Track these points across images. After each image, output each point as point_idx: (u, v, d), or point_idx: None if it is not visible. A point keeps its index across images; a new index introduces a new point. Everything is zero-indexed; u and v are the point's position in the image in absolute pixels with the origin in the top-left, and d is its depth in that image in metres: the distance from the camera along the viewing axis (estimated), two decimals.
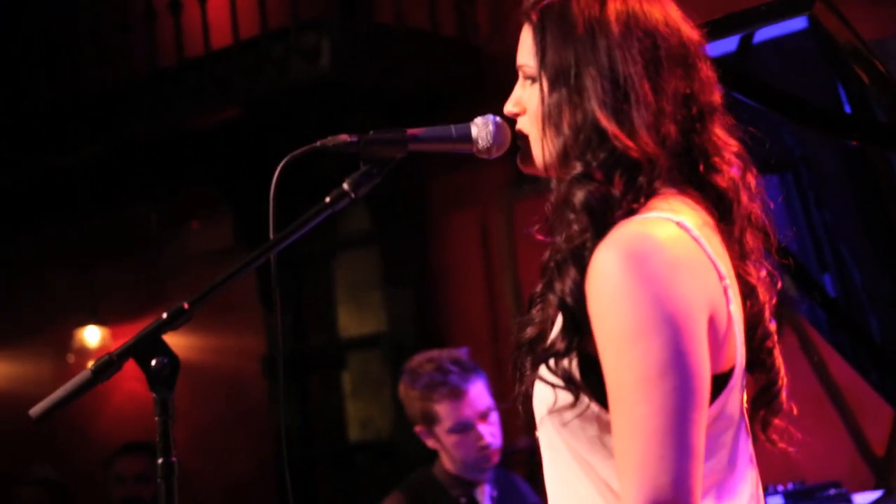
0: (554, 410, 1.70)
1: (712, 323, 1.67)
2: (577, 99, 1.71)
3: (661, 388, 1.60)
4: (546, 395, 1.72)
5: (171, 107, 5.75)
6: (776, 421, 1.80)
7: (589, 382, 1.68)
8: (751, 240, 1.78)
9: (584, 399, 1.68)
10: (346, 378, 6.50)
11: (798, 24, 2.79)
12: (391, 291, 6.08)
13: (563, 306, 1.68)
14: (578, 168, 1.71)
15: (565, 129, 1.72)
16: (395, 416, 6.13)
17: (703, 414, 1.63)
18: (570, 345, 1.67)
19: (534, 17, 1.78)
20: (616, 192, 1.69)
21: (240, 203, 6.48)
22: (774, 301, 1.81)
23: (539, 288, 1.88)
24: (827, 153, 3.30)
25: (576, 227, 1.71)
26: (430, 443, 3.66)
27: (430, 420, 3.60)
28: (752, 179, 1.78)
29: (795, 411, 1.81)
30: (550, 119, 1.74)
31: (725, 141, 1.77)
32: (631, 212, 1.69)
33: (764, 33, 2.85)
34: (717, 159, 1.75)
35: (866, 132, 2.82)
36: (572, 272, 1.68)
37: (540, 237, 1.91)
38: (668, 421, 1.60)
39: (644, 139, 1.69)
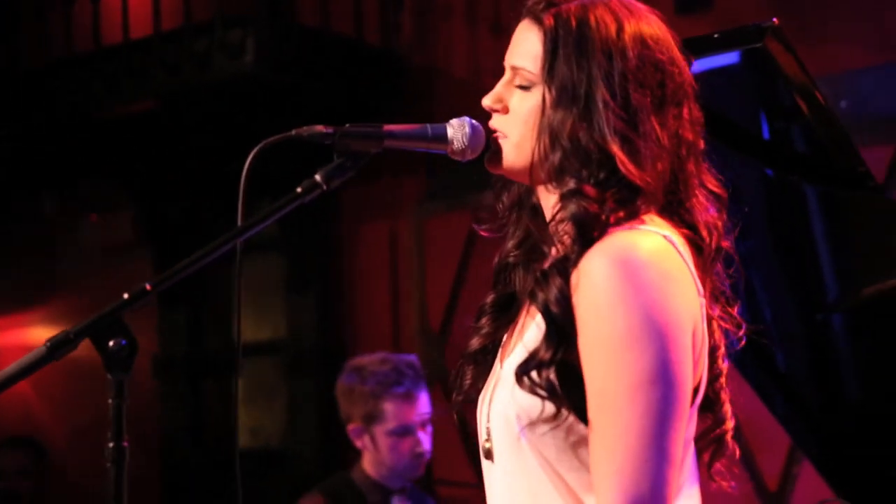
0: (532, 423, 1.69)
1: (693, 337, 1.68)
2: (586, 118, 1.71)
3: (648, 396, 1.62)
4: (520, 409, 1.71)
5: (83, 95, 5.63)
6: (718, 464, 1.81)
7: (567, 392, 1.68)
8: (713, 279, 1.80)
9: (563, 411, 1.68)
10: (240, 383, 6.39)
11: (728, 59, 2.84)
12: (294, 299, 6.01)
13: (547, 315, 1.69)
14: (571, 184, 1.72)
15: (565, 143, 1.72)
16: (287, 426, 6.07)
17: (684, 425, 1.67)
18: (555, 354, 1.68)
19: (547, 23, 1.75)
20: (606, 209, 1.70)
21: (143, 198, 6.36)
22: (725, 343, 1.82)
23: (490, 299, 1.88)
24: (749, 184, 3.34)
25: (563, 237, 1.72)
26: (361, 443, 3.67)
27: (372, 419, 3.63)
28: (721, 224, 1.81)
29: (738, 454, 1.83)
30: (550, 131, 1.74)
31: (705, 182, 1.79)
32: (621, 223, 1.70)
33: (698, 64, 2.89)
34: (694, 199, 1.77)
35: (791, 161, 2.88)
36: (557, 281, 1.69)
37: (485, 234, 1.92)
38: (652, 429, 1.62)
39: (647, 169, 1.71)
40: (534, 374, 1.68)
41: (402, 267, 5.74)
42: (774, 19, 2.61)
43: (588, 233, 1.69)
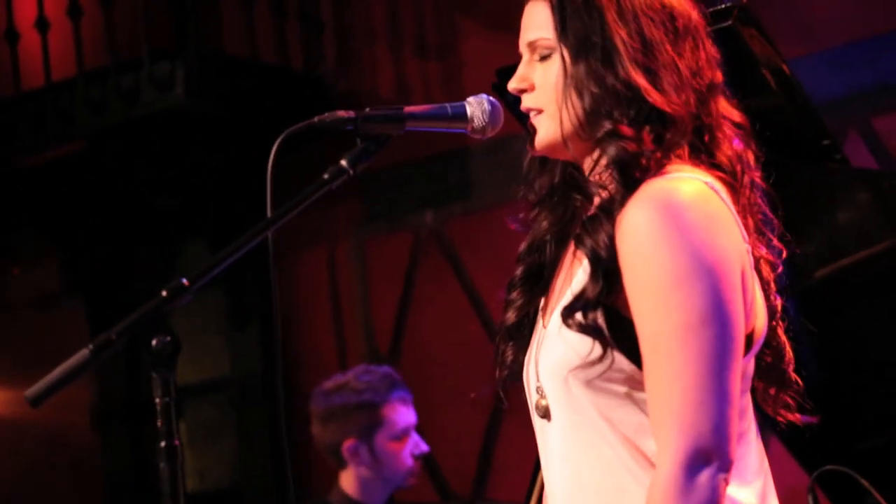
0: (583, 364, 1.69)
1: (742, 280, 1.69)
2: (608, 61, 1.74)
3: (702, 336, 1.62)
4: (570, 350, 1.71)
5: (5, 141, 5.53)
6: (785, 397, 1.82)
7: (615, 337, 1.68)
8: (750, 216, 1.81)
9: (611, 352, 1.68)
10: (182, 427, 6.28)
11: None
12: (235, 334, 5.94)
13: (595, 258, 1.69)
14: (607, 126, 1.73)
15: (593, 90, 1.74)
16: (236, 465, 5.97)
17: (739, 364, 1.66)
18: (601, 295, 1.68)
19: None
20: (646, 147, 1.72)
21: (70, 246, 6.24)
22: (774, 279, 1.84)
23: (519, 272, 1.89)
24: None
25: (607, 184, 1.74)
26: (356, 460, 3.67)
27: (372, 429, 3.65)
28: (751, 155, 1.82)
29: (801, 385, 1.84)
30: (575, 85, 1.75)
31: (729, 115, 1.81)
32: (660, 167, 1.72)
33: None
34: (720, 133, 1.79)
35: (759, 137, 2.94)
36: (605, 226, 1.70)
37: (513, 226, 1.93)
38: (708, 368, 1.62)
39: (673, 97, 1.73)
40: (579, 315, 1.68)
41: (344, 291, 5.70)
42: None
43: (631, 173, 1.71)
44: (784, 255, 1.83)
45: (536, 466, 2.47)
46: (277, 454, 5.76)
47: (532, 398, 1.82)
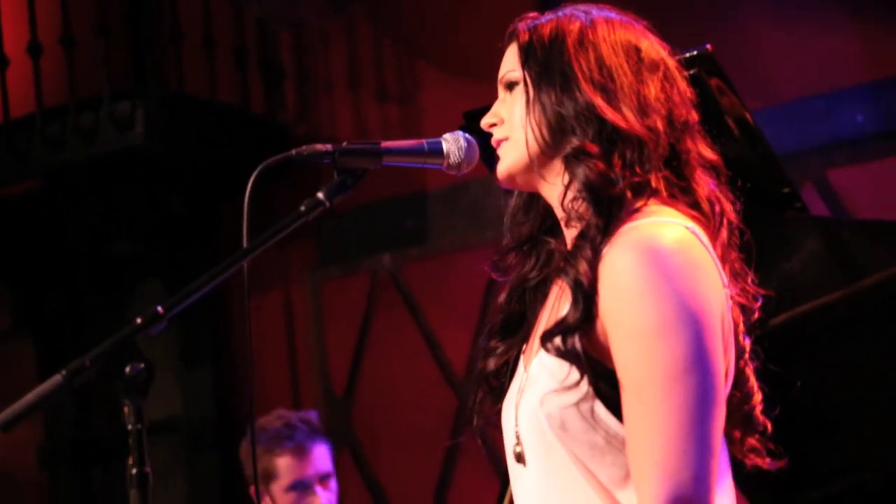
0: (559, 389, 1.69)
1: (721, 326, 1.70)
2: (566, 85, 1.76)
3: (685, 385, 1.63)
4: (548, 377, 1.71)
5: None
6: (751, 440, 1.82)
7: (597, 387, 1.69)
8: (727, 258, 1.82)
9: (585, 385, 1.68)
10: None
11: None
12: (188, 374, 5.89)
13: (576, 286, 1.69)
14: (574, 142, 1.75)
15: (555, 109, 1.76)
16: None
17: (721, 412, 1.67)
18: (580, 321, 1.68)
19: (523, 35, 1.84)
20: (615, 171, 1.73)
21: (20, 284, 6.18)
22: (743, 320, 1.85)
23: (499, 319, 1.89)
24: None
25: (581, 212, 1.74)
26: None
27: (269, 477, 3.55)
28: (725, 194, 1.84)
29: (770, 428, 1.84)
30: (539, 108, 1.78)
31: (704, 154, 1.83)
32: (635, 190, 1.72)
33: None
34: (698, 172, 1.81)
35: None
36: (586, 252, 1.70)
37: (494, 276, 1.93)
38: (691, 417, 1.62)
39: (631, 118, 1.74)
40: (558, 339, 1.69)
41: (299, 333, 5.68)
42: (708, 45, 2.71)
43: (603, 197, 1.71)
44: (759, 300, 1.83)
45: None
46: (228, 497, 5.71)
47: (508, 443, 1.82)
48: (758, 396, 1.82)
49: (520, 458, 1.78)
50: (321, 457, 3.60)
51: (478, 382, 1.90)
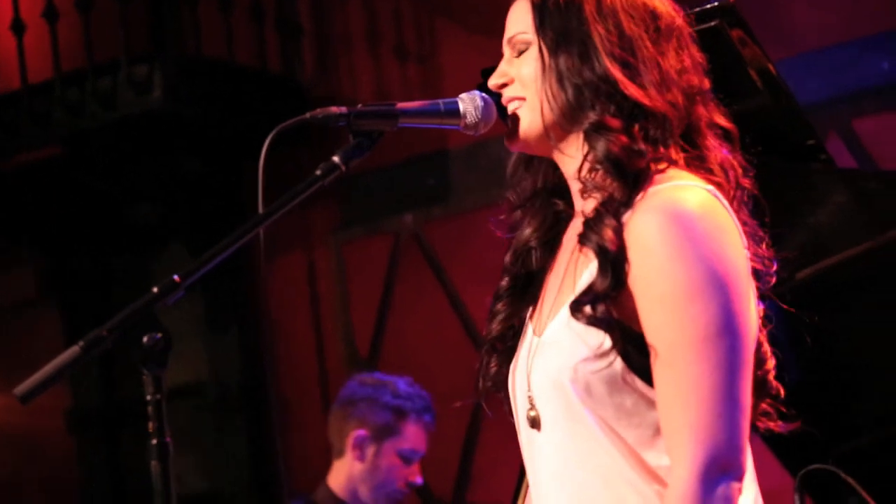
0: (594, 356, 1.68)
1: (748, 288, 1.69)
2: (584, 55, 1.73)
3: (717, 348, 1.63)
4: (580, 344, 1.69)
5: None
6: (762, 404, 1.81)
7: (625, 351, 1.68)
8: (747, 221, 1.81)
9: (614, 355, 1.66)
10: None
11: None
12: (213, 339, 5.90)
13: (602, 254, 1.67)
14: (592, 117, 1.72)
15: (574, 81, 1.73)
16: (216, 469, 5.94)
17: (750, 373, 1.67)
18: (609, 289, 1.66)
19: None
20: (638, 145, 1.70)
21: (45, 251, 6.19)
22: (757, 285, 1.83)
23: (505, 282, 1.87)
24: None
25: (601, 183, 1.72)
26: (359, 452, 3.66)
27: (387, 433, 3.67)
28: (739, 159, 1.82)
29: (782, 393, 1.83)
30: (555, 77, 1.74)
31: (716, 120, 1.81)
32: (656, 161, 1.71)
33: None
34: (711, 139, 1.79)
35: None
36: (609, 220, 1.68)
37: (499, 234, 1.91)
38: (723, 380, 1.63)
39: (653, 93, 1.71)
40: (588, 308, 1.67)
41: (323, 296, 5.68)
42: None
43: (625, 168, 1.69)
44: (774, 264, 1.82)
45: (521, 473, 2.45)
46: (255, 460, 5.73)
47: (521, 408, 1.80)
48: (771, 362, 1.81)
49: (534, 422, 1.76)
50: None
51: (484, 346, 1.89)
